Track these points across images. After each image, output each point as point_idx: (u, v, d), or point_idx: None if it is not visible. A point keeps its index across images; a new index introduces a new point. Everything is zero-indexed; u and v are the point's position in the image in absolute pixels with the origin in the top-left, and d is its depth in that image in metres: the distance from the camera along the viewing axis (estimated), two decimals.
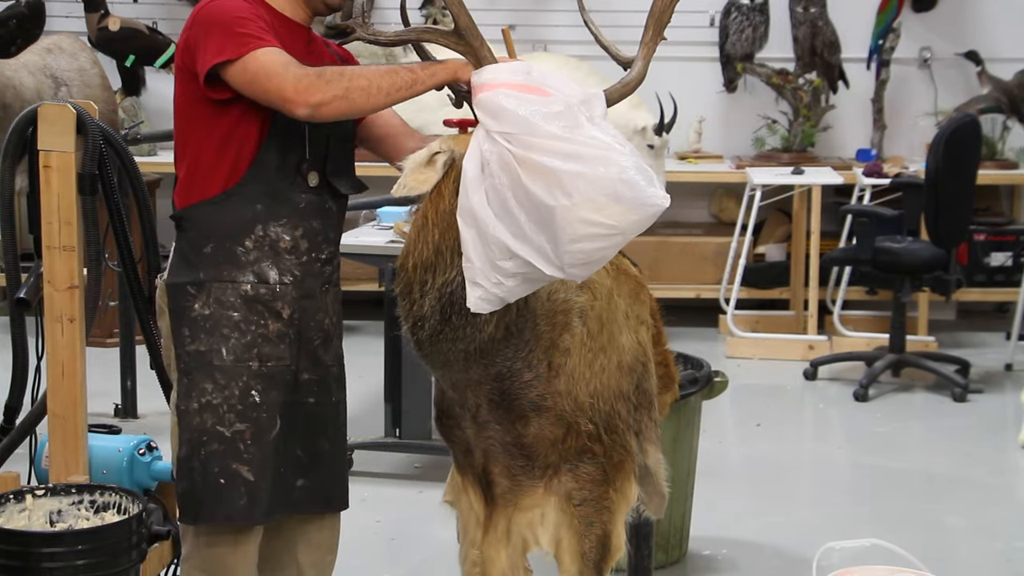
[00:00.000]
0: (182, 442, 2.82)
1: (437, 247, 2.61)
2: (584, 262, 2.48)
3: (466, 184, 2.51)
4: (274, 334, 2.83)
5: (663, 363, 3.28)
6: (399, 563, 4.22)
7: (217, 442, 2.79)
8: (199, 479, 2.79)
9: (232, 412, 2.80)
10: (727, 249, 6.99)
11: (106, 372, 5.42)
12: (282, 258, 2.82)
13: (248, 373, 2.80)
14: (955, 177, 5.90)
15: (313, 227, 2.85)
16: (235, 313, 2.80)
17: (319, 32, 3.06)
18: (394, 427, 4.98)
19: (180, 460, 2.84)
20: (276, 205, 2.80)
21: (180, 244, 2.83)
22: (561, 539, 2.88)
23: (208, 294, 2.80)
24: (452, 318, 2.62)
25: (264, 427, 2.82)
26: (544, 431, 2.79)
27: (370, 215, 5.33)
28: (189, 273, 2.81)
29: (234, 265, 2.80)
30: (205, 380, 2.79)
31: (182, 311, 2.81)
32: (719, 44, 7.38)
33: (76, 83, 5.73)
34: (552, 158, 2.41)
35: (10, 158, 3.12)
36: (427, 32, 2.69)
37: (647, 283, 3.21)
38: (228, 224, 2.79)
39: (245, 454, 2.80)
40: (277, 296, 2.82)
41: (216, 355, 2.79)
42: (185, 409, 2.81)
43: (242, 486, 2.80)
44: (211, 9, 2.72)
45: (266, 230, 2.80)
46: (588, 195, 2.40)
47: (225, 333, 2.79)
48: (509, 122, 2.46)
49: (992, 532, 4.48)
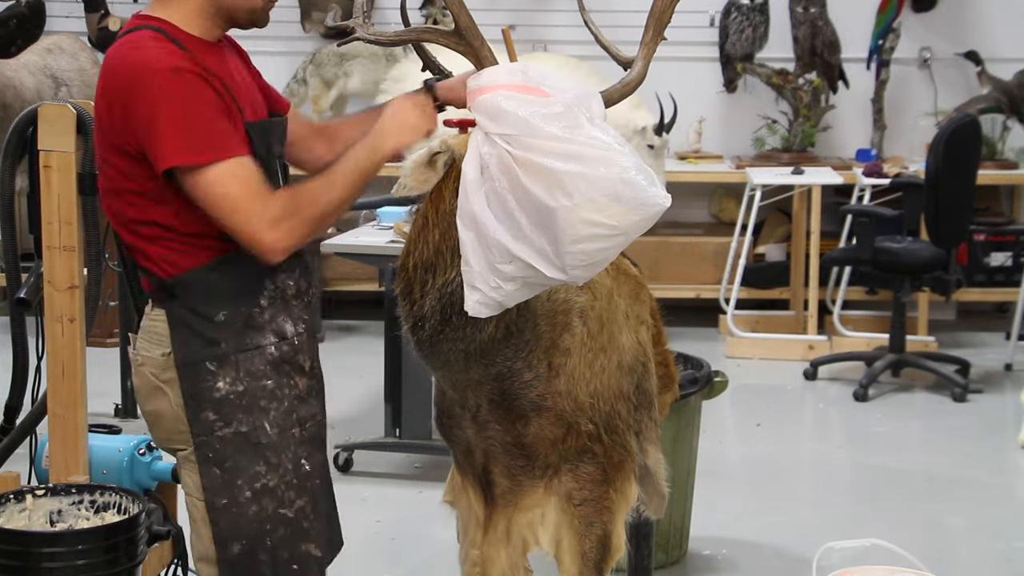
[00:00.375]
0: (229, 540, 2.53)
1: (437, 247, 2.61)
2: (586, 263, 2.45)
3: (466, 187, 2.48)
4: (304, 391, 2.62)
5: (663, 363, 3.28)
6: (399, 563, 4.22)
7: (283, 526, 2.55)
8: (268, 571, 2.55)
9: (291, 489, 2.56)
10: (727, 249, 6.99)
11: (106, 372, 5.42)
12: (291, 306, 2.59)
13: (293, 442, 2.57)
14: (955, 177, 5.90)
15: (304, 261, 2.65)
16: (268, 381, 2.54)
17: (319, 32, 3.04)
18: (394, 427, 4.98)
19: (233, 560, 2.53)
20: None
21: (177, 315, 2.50)
22: (561, 539, 2.88)
23: (236, 368, 2.51)
24: (452, 318, 2.62)
25: (320, 495, 2.64)
26: (544, 431, 2.79)
27: (370, 215, 5.33)
28: (203, 348, 2.50)
29: (255, 329, 2.53)
30: (254, 463, 2.53)
31: (202, 393, 2.50)
32: (719, 44, 7.38)
33: (76, 83, 5.74)
34: (552, 159, 2.41)
35: (10, 158, 3.13)
36: (427, 32, 2.68)
37: (647, 283, 3.21)
38: (239, 285, 2.52)
39: (311, 530, 2.59)
40: (297, 349, 2.59)
41: (261, 432, 2.53)
42: (230, 501, 2.52)
43: (314, 564, 2.61)
44: (160, 89, 2.38)
45: (275, 282, 2.56)
46: (589, 196, 2.39)
47: (263, 406, 2.53)
48: (509, 123, 2.45)
49: (992, 532, 4.48)
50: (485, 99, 2.51)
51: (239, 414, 2.52)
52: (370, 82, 7.23)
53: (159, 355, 2.54)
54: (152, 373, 2.56)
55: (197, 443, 2.53)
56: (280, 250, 2.44)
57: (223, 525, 2.53)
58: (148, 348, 2.57)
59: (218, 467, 2.53)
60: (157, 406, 2.58)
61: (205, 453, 2.53)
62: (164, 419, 2.57)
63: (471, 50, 2.65)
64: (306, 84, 7.33)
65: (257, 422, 2.53)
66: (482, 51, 2.65)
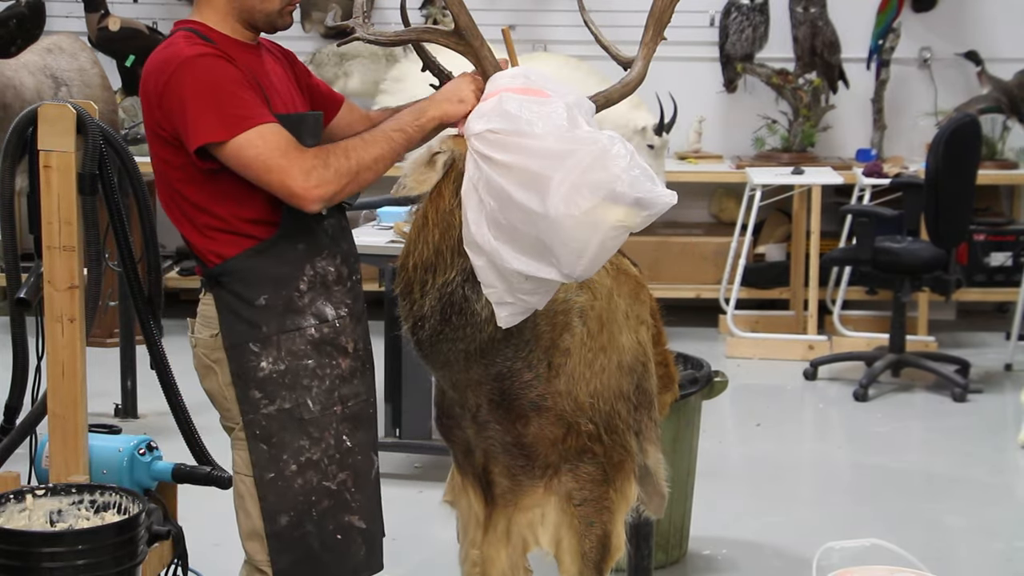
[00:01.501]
0: (276, 513, 2.71)
1: (437, 247, 2.61)
2: (590, 260, 2.47)
3: (467, 216, 2.52)
4: (347, 371, 2.76)
5: (663, 363, 3.28)
6: (399, 563, 4.22)
7: (327, 498, 2.72)
8: (315, 542, 2.72)
9: (333, 463, 2.72)
10: (727, 249, 6.99)
11: (106, 372, 5.42)
12: (332, 291, 2.75)
13: (335, 419, 2.73)
14: (955, 177, 5.90)
15: (344, 250, 2.80)
16: (309, 361, 2.71)
17: (319, 32, 3.06)
18: (394, 427, 4.98)
19: (281, 532, 2.71)
20: (313, 239, 2.73)
21: (224, 300, 2.70)
22: (561, 539, 2.88)
23: (277, 348, 2.69)
24: (452, 318, 2.62)
25: (362, 470, 2.78)
26: (544, 431, 2.79)
27: (370, 215, 5.33)
28: (247, 331, 2.69)
29: (295, 312, 2.70)
30: (298, 438, 2.70)
31: (248, 373, 2.69)
32: (719, 44, 7.38)
33: (76, 83, 5.73)
34: (546, 161, 2.41)
35: (10, 158, 3.12)
36: (427, 32, 2.68)
37: (647, 283, 3.21)
38: (279, 271, 2.69)
39: (353, 503, 2.75)
40: (339, 331, 2.74)
41: (304, 408, 2.70)
42: (276, 475, 2.70)
43: (358, 536, 2.77)
44: (186, 73, 2.58)
45: (314, 267, 2.72)
46: (590, 198, 2.39)
47: (306, 384, 2.71)
48: (510, 122, 2.46)
49: (992, 532, 4.48)
50: (488, 105, 2.52)
51: (282, 391, 2.69)
52: (370, 82, 7.23)
53: (208, 336, 2.74)
54: (204, 353, 2.76)
55: (246, 421, 2.70)
56: (315, 199, 2.57)
57: (271, 499, 2.70)
58: (200, 330, 2.77)
59: (265, 443, 2.69)
60: (209, 385, 2.78)
61: (253, 430, 2.70)
62: (216, 398, 2.78)
63: (471, 50, 2.65)
64: None
65: (300, 399, 2.69)
66: (482, 51, 2.65)
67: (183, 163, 2.64)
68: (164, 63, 2.61)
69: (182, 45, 2.62)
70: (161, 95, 2.61)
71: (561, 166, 2.39)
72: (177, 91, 2.57)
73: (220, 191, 2.65)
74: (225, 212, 2.67)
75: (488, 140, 2.47)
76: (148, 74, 2.64)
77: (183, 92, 2.56)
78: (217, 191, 2.65)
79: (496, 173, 2.44)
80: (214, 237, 2.69)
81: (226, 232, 2.68)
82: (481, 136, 2.48)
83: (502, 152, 2.45)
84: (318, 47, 7.42)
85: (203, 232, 2.70)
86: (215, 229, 2.69)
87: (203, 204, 2.67)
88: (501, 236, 2.47)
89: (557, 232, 2.40)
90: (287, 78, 2.81)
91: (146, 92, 2.66)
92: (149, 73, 2.64)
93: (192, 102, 2.56)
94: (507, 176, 2.44)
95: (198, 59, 2.58)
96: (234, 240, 2.69)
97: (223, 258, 2.69)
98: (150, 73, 2.64)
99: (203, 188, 2.66)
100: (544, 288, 2.56)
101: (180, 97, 2.57)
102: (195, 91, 2.56)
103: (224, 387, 2.73)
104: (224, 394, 2.74)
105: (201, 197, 2.67)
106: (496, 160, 2.45)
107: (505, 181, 2.43)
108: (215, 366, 2.74)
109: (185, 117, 2.57)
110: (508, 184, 2.43)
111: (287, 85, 2.78)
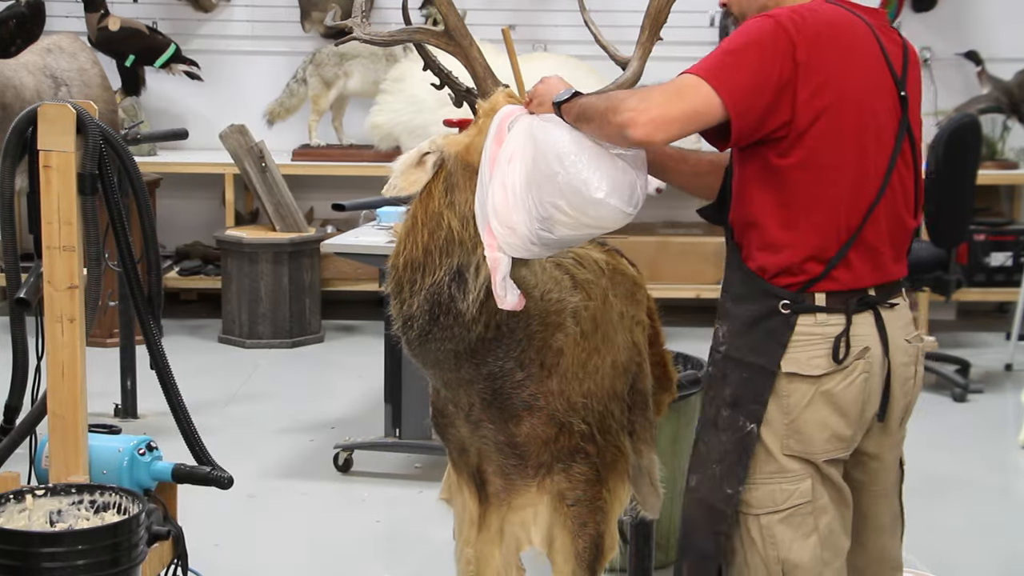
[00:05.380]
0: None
1: (426, 247, 2.61)
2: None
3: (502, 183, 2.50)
4: None
5: (660, 363, 3.28)
6: (399, 563, 4.22)
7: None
8: None
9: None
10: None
11: (106, 372, 5.42)
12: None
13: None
14: (955, 177, 5.89)
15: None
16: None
17: (319, 32, 3.06)
18: (394, 427, 4.98)
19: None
20: None
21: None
22: (554, 539, 2.88)
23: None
24: (440, 318, 2.62)
25: None
26: (537, 430, 2.79)
27: (370, 215, 5.33)
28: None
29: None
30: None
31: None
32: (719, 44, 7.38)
33: (76, 83, 5.74)
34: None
35: (10, 158, 3.12)
36: (419, 32, 2.71)
37: (645, 283, 3.21)
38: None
39: None
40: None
41: None
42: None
43: None
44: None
45: None
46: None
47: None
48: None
49: (992, 532, 4.48)
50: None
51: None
52: (370, 82, 7.24)
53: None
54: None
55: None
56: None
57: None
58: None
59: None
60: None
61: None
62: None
63: (460, 50, 2.67)
64: (306, 84, 7.34)
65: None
66: (471, 51, 2.67)
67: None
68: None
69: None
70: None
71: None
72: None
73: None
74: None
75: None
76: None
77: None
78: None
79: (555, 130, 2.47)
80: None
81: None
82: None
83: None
84: (318, 47, 7.42)
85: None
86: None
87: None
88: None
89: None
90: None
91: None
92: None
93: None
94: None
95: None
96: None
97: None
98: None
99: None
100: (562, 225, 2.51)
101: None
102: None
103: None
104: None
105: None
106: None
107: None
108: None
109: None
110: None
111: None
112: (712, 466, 2.60)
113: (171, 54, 7.36)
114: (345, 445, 4.98)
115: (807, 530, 2.57)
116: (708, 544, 2.61)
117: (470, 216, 2.56)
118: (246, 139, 6.78)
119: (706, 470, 2.61)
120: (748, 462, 2.55)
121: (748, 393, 2.55)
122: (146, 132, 6.29)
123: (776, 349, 2.52)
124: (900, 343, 2.61)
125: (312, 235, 6.91)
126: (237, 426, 5.45)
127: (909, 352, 2.63)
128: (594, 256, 3.00)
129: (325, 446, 5.16)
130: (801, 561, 2.58)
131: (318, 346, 6.93)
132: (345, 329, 7.24)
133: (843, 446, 2.57)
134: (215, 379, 6.08)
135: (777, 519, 2.56)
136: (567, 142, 2.43)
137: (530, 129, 2.47)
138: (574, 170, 2.41)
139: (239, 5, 7.75)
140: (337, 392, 5.99)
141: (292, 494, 4.78)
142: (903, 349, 2.61)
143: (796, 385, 2.52)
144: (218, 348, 6.80)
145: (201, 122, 7.41)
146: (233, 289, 6.86)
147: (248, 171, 6.82)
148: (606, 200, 2.41)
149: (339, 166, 7.30)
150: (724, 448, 2.58)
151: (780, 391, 2.53)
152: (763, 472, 2.56)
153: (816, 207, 2.49)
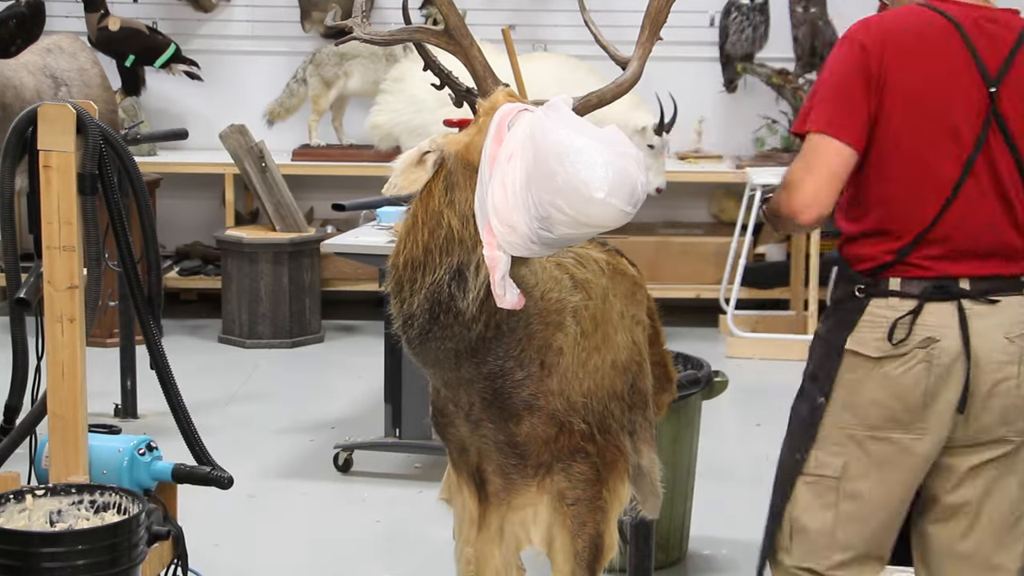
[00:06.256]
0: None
1: (426, 246, 2.61)
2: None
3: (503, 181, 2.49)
4: None
5: (661, 363, 3.28)
6: (399, 563, 4.23)
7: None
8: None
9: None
10: (727, 249, 6.99)
11: (106, 372, 5.42)
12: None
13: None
14: None
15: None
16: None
17: (319, 32, 3.06)
18: (394, 427, 4.98)
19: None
20: None
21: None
22: (554, 538, 2.88)
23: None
24: (440, 316, 2.62)
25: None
26: (536, 430, 2.79)
27: (370, 215, 5.34)
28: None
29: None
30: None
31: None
32: (719, 44, 7.38)
33: (76, 83, 5.74)
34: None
35: (10, 158, 3.12)
36: (418, 32, 2.70)
37: (645, 283, 3.21)
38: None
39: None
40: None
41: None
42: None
43: None
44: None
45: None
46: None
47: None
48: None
49: None
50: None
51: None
52: (370, 82, 7.24)
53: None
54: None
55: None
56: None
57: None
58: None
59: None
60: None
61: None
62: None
63: (460, 49, 2.67)
64: (306, 84, 7.34)
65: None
66: (471, 51, 2.67)
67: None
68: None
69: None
70: None
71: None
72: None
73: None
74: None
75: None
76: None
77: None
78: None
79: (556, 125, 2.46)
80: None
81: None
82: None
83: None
84: (318, 47, 7.43)
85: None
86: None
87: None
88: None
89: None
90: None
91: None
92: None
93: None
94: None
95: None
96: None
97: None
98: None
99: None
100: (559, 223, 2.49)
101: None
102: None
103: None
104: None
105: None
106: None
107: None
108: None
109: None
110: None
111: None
112: (791, 432, 2.86)
113: (171, 54, 7.37)
114: (345, 445, 4.98)
115: (827, 502, 2.76)
116: (778, 502, 2.85)
117: (470, 215, 2.56)
118: (246, 139, 6.79)
119: (789, 437, 2.87)
120: (815, 432, 2.77)
121: (823, 368, 2.79)
122: (146, 132, 6.29)
123: (847, 328, 2.73)
124: (996, 340, 2.66)
125: (312, 235, 6.91)
126: (237, 426, 5.46)
127: (1010, 351, 2.67)
128: (594, 256, 3.00)
129: (325, 446, 5.16)
130: (809, 527, 2.79)
131: (318, 346, 6.93)
132: (345, 329, 7.24)
133: (899, 428, 2.69)
134: (215, 379, 6.08)
135: (804, 480, 2.78)
136: (567, 141, 2.43)
137: (530, 128, 2.47)
138: (573, 170, 2.41)
139: (239, 5, 7.76)
140: (337, 392, 5.99)
141: (292, 494, 4.78)
142: (1000, 347, 2.65)
143: (858, 363, 2.70)
144: (218, 348, 6.81)
145: (201, 122, 7.41)
146: (233, 289, 6.86)
147: (248, 171, 6.82)
148: (606, 200, 2.41)
149: (339, 166, 7.30)
150: (800, 416, 2.84)
151: (844, 368, 2.73)
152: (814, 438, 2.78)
153: (879, 203, 2.70)
